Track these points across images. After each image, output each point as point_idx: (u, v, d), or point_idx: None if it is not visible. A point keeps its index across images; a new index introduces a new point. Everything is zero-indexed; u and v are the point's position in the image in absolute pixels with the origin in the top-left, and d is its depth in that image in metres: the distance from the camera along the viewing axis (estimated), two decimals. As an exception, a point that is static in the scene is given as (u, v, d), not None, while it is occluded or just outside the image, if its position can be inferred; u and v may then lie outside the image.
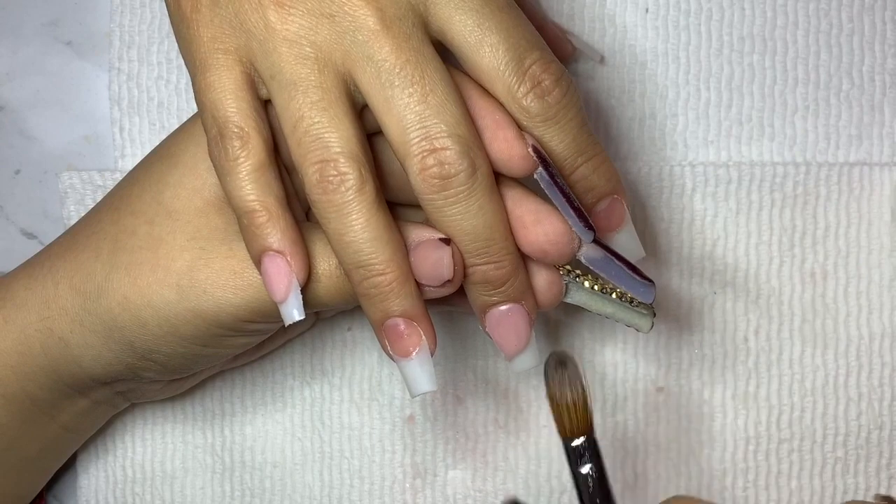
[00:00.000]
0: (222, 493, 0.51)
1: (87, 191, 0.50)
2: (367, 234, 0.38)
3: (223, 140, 0.39)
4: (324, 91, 0.39)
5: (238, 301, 0.41)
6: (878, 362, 0.50)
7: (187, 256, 0.42)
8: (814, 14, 0.50)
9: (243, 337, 0.44)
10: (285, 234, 0.39)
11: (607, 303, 0.43)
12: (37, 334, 0.44)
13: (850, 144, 0.50)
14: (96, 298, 0.43)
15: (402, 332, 0.40)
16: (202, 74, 0.40)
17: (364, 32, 0.38)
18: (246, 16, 0.39)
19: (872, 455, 0.50)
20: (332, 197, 0.38)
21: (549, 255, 0.40)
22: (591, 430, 0.40)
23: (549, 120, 0.39)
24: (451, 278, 0.39)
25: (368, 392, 0.51)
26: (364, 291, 0.39)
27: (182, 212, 0.42)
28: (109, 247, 0.43)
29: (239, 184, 0.39)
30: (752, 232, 0.50)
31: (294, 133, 0.39)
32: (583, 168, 0.41)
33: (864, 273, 0.50)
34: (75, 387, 0.45)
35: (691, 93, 0.50)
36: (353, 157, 0.38)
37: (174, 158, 0.43)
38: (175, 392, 0.49)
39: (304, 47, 0.39)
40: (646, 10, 0.50)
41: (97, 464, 0.51)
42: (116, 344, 0.43)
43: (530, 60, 0.39)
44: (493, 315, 0.41)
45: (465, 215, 0.39)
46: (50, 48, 0.52)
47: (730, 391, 0.50)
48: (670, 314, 0.50)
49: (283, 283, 0.39)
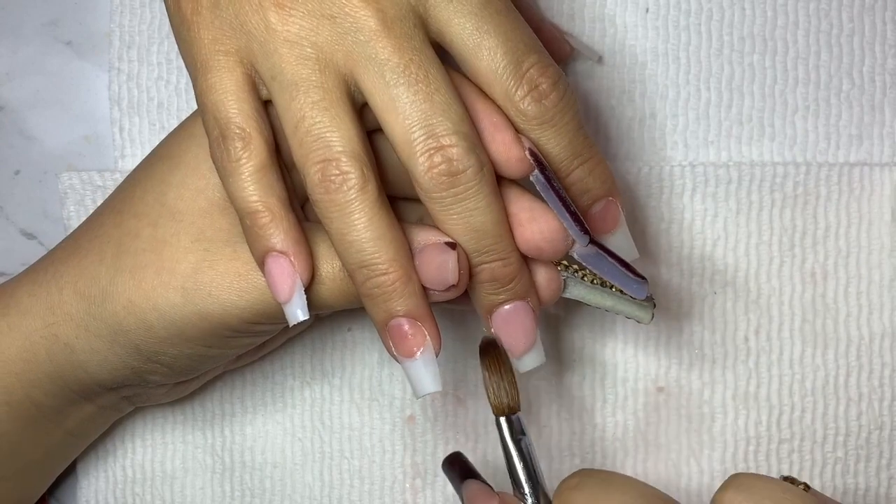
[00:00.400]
0: (222, 494, 0.51)
1: (87, 191, 0.50)
2: (370, 233, 0.38)
3: (225, 141, 0.39)
4: (325, 91, 0.39)
5: (243, 303, 0.41)
6: (879, 362, 0.50)
7: (192, 258, 0.42)
8: (814, 14, 0.50)
9: (249, 337, 0.44)
10: (288, 235, 0.39)
11: (606, 296, 0.43)
12: (42, 341, 0.43)
13: (850, 144, 0.50)
14: (101, 303, 0.43)
15: (406, 332, 0.39)
16: (203, 76, 0.40)
17: (365, 33, 0.38)
18: (246, 17, 0.39)
19: (872, 455, 0.50)
20: (334, 196, 0.38)
21: (544, 252, 0.40)
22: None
23: (546, 123, 0.40)
24: (456, 283, 0.39)
25: (369, 392, 0.51)
26: (367, 292, 0.39)
27: (185, 213, 0.42)
28: (113, 250, 0.43)
29: (241, 185, 0.39)
30: (752, 232, 0.50)
31: (296, 133, 0.39)
32: (578, 171, 0.41)
33: (864, 273, 0.50)
34: (81, 393, 0.45)
35: (692, 93, 0.50)
36: (355, 157, 0.38)
37: (176, 159, 0.43)
38: (180, 395, 0.49)
39: (304, 48, 0.39)
40: (646, 10, 0.50)
41: (97, 464, 0.51)
42: (122, 348, 0.43)
43: (528, 64, 0.39)
44: (501, 314, 0.41)
45: (475, 212, 0.39)
46: (50, 48, 0.52)
47: (730, 391, 0.50)
48: (671, 314, 0.50)
49: (287, 284, 0.39)
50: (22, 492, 0.47)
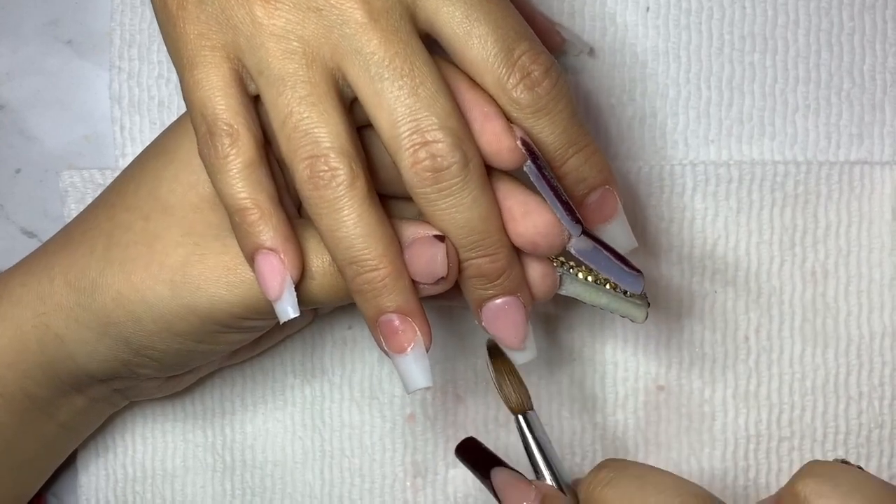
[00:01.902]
0: (223, 492, 0.51)
1: (88, 189, 0.50)
2: (360, 229, 0.38)
3: (213, 138, 0.39)
4: (312, 86, 0.38)
5: (231, 297, 0.41)
6: (879, 361, 0.50)
7: (181, 252, 0.42)
8: (815, 13, 0.50)
9: (238, 333, 0.43)
10: (278, 232, 0.39)
11: (601, 294, 0.43)
12: (33, 330, 0.44)
13: (850, 143, 0.50)
14: (91, 294, 0.43)
15: (397, 327, 0.39)
16: (190, 72, 0.39)
17: (352, 25, 0.38)
18: (232, 12, 0.39)
19: (873, 454, 0.50)
20: (323, 192, 0.38)
21: (539, 247, 0.40)
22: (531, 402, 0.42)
23: (540, 111, 0.39)
24: (446, 275, 0.39)
25: (369, 390, 0.51)
26: (357, 288, 0.39)
27: (177, 207, 0.42)
28: (104, 242, 0.43)
29: (230, 181, 0.39)
30: (752, 231, 0.50)
31: (283, 129, 0.39)
32: (574, 159, 0.40)
33: (864, 272, 0.50)
34: (72, 384, 0.45)
35: (692, 92, 0.50)
36: (344, 152, 0.38)
37: (170, 154, 0.43)
38: (173, 390, 0.49)
39: (291, 42, 0.38)
40: (646, 9, 0.50)
41: (97, 462, 0.51)
42: (111, 340, 0.43)
43: (519, 51, 0.39)
44: (490, 309, 0.40)
45: (459, 208, 0.39)
46: (50, 48, 0.52)
47: (730, 390, 0.50)
48: (671, 313, 0.50)
49: (277, 281, 0.39)
50: (18, 488, 0.48)
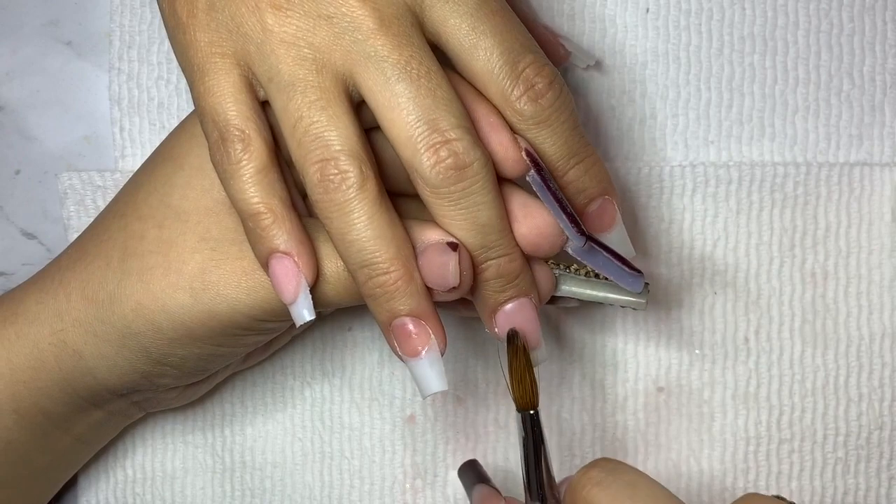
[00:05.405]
0: (223, 494, 0.51)
1: (87, 191, 0.50)
2: (370, 232, 0.38)
3: (225, 144, 0.39)
4: (322, 91, 0.39)
5: (251, 301, 0.41)
6: (879, 363, 0.50)
7: (198, 258, 0.41)
8: (814, 14, 0.50)
9: (258, 335, 0.43)
10: (291, 235, 0.39)
11: (599, 286, 0.43)
12: (50, 348, 0.43)
13: (850, 145, 0.50)
14: (109, 306, 0.42)
15: (411, 331, 0.39)
16: (200, 79, 0.39)
17: (363, 32, 0.38)
18: (243, 19, 0.39)
19: (873, 455, 0.50)
20: (333, 196, 0.38)
21: (540, 248, 0.40)
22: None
23: (543, 123, 0.40)
24: (458, 285, 0.39)
25: (369, 392, 0.51)
26: (369, 292, 0.39)
27: (191, 213, 0.42)
28: (119, 253, 0.43)
29: (242, 187, 0.39)
30: (752, 232, 0.50)
31: (294, 133, 0.39)
32: (575, 170, 0.41)
33: (864, 273, 0.50)
34: (91, 399, 0.45)
35: (692, 93, 0.50)
36: (354, 155, 0.38)
37: (179, 160, 0.43)
38: (190, 399, 0.48)
39: (301, 49, 0.39)
40: (646, 11, 0.50)
41: (98, 464, 0.51)
42: (131, 352, 0.43)
43: (524, 64, 0.39)
44: (505, 313, 0.40)
45: (482, 206, 0.39)
46: (50, 48, 0.52)
47: (730, 391, 0.50)
48: (671, 314, 0.50)
49: (292, 285, 0.39)
50: (29, 499, 0.47)
